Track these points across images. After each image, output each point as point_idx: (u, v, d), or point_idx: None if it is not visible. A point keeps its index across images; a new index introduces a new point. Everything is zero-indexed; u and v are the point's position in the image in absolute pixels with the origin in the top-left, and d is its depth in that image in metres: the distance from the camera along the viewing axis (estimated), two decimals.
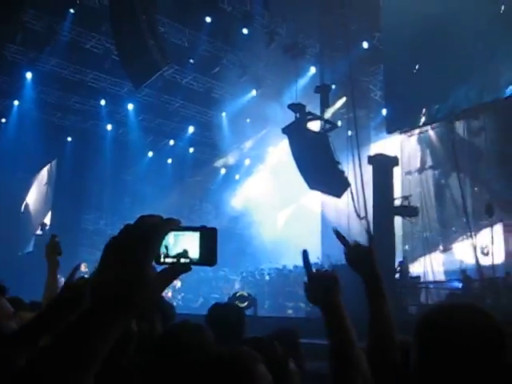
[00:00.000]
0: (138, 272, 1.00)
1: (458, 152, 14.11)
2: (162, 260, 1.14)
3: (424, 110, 13.59)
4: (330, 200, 16.08)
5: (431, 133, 15.33)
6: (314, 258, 17.20)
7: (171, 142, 21.64)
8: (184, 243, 1.16)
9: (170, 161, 22.24)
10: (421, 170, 16.64)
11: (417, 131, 14.49)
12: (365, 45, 16.20)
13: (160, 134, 21.06)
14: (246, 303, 12.92)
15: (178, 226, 1.14)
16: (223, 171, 23.06)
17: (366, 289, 2.09)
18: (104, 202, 21.03)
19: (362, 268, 2.11)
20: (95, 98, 18.68)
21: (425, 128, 14.58)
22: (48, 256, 3.15)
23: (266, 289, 16.95)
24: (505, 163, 13.73)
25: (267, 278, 17.67)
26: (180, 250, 1.15)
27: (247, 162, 22.67)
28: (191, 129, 20.94)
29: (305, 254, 1.95)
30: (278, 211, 21.04)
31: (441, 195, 16.21)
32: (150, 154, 21.83)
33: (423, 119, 13.92)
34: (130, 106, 19.28)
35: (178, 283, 17.46)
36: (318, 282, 1.95)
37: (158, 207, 18.73)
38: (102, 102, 18.89)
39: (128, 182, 21.17)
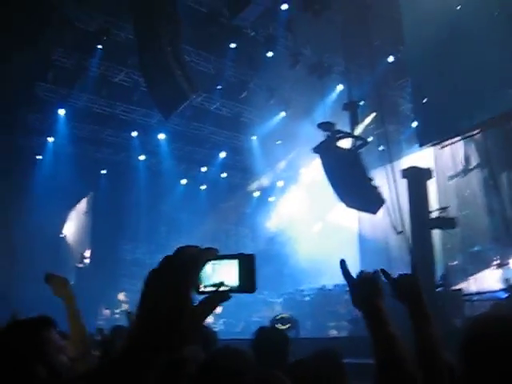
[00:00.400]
0: (179, 303, 1.02)
1: (493, 160, 13.88)
2: (201, 290, 1.14)
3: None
4: (365, 215, 15.95)
5: (463, 142, 15.10)
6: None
7: (204, 169, 21.83)
8: (222, 271, 1.16)
9: (203, 187, 22.41)
10: (465, 171, 16.29)
11: (448, 142, 14.28)
12: (390, 59, 16.18)
13: (192, 161, 21.28)
14: (287, 325, 12.83)
15: (215, 255, 1.15)
16: (257, 194, 23.11)
17: (411, 314, 2.09)
18: (140, 231, 21.25)
19: (408, 298, 2.12)
20: (127, 130, 19.00)
21: (457, 137, 14.33)
22: (59, 292, 3.10)
23: (307, 309, 16.79)
24: None
25: (307, 298, 17.52)
26: (219, 279, 1.15)
27: (280, 183, 22.68)
28: (223, 154, 21.11)
29: (342, 264, 2.00)
30: (313, 230, 20.94)
31: (477, 204, 15.82)
32: (184, 181, 22.04)
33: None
34: (161, 136, 19.55)
35: (218, 309, 17.48)
36: (361, 288, 1.99)
37: (194, 234, 18.84)
38: (134, 134, 19.20)
39: (163, 210, 21.37)
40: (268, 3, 15.23)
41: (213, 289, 1.14)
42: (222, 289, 1.14)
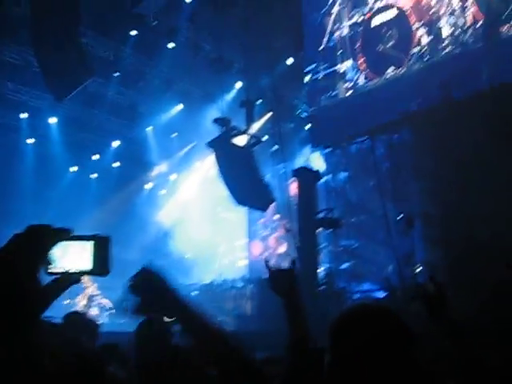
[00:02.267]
0: (23, 282, 0.99)
1: (379, 166, 14.51)
2: (51, 270, 1.11)
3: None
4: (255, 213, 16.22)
5: (353, 147, 15.70)
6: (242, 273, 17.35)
7: (95, 157, 21.18)
8: (75, 253, 1.13)
9: (94, 176, 21.78)
10: (344, 182, 16.97)
11: (339, 146, 14.82)
12: (289, 61, 16.50)
13: (84, 148, 20.55)
14: (172, 318, 12.77)
15: (69, 236, 1.11)
16: (149, 186, 22.78)
17: (285, 305, 2.25)
18: (26, 219, 20.19)
19: (283, 291, 2.28)
20: (15, 111, 18.08)
21: (347, 142, 14.87)
22: None
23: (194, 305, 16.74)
24: (421, 178, 14.22)
25: (195, 293, 17.53)
26: (71, 260, 1.12)
27: (174, 176, 22.48)
28: (116, 143, 20.61)
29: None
30: (205, 226, 20.97)
31: (364, 209, 16.51)
32: (74, 169, 21.30)
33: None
34: (53, 120, 18.78)
35: (105, 302, 17.07)
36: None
37: (83, 224, 18.26)
38: (23, 116, 18.30)
39: (51, 198, 20.52)
40: None
41: (63, 270, 1.11)
42: (72, 270, 1.11)
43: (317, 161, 17.05)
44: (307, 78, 14.53)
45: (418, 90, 11.91)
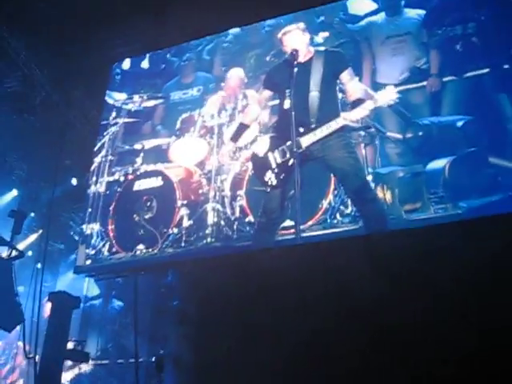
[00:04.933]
0: None
1: (140, 306, 14.37)
2: None
3: None
4: None
5: (120, 280, 15.48)
6: None
7: None
8: None
9: None
10: (112, 313, 16.54)
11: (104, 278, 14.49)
12: (74, 181, 16.28)
13: None
14: None
15: None
16: None
17: None
18: None
19: None
20: None
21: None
22: None
23: None
24: (182, 323, 14.33)
25: None
26: None
27: None
28: None
29: None
30: None
31: (123, 348, 16.05)
32: None
33: None
34: None
35: None
36: None
37: None
38: None
39: None
40: None
41: None
42: None
43: (87, 284, 16.51)
44: None
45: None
